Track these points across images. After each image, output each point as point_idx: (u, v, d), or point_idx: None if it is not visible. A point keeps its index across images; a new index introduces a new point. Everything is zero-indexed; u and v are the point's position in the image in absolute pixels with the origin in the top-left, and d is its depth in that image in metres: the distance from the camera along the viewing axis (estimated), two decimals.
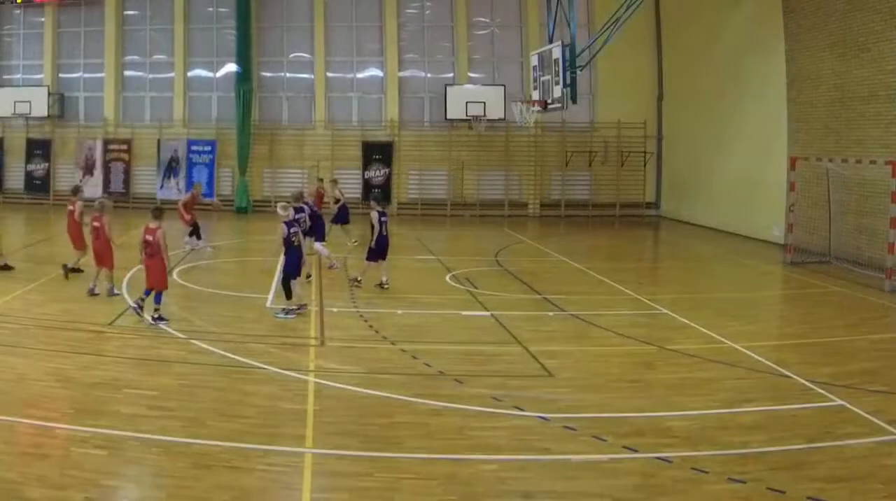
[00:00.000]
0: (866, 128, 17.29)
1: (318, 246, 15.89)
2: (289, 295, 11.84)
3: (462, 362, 9.78)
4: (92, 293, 12.72)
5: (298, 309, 11.85)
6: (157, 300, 11.31)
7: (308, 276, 14.08)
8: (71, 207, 14.33)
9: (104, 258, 12.83)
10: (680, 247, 22.24)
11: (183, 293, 13.49)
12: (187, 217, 17.89)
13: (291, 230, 11.82)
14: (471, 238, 23.43)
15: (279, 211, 12.17)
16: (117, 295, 12.69)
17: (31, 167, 28.27)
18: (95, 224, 12.86)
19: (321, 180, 21.03)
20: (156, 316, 11.18)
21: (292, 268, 11.80)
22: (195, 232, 18.11)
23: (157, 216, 11.76)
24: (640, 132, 27.96)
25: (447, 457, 6.84)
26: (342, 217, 19.06)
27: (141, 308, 11.41)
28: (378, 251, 13.84)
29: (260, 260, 16.83)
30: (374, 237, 13.83)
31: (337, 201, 19.19)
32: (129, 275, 14.47)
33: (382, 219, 13.87)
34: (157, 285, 11.35)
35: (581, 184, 28.40)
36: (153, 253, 11.35)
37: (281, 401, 8.16)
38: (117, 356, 9.61)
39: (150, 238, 11.39)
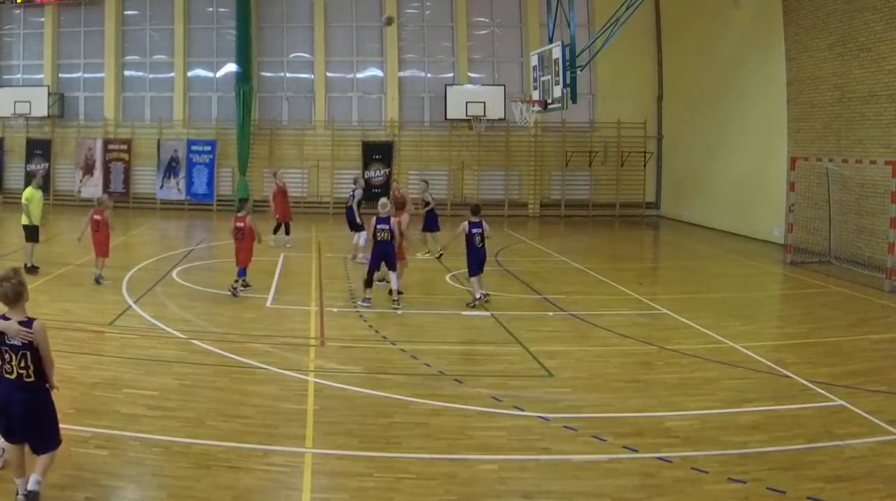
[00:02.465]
0: (866, 128, 17.29)
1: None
2: (369, 284, 12.80)
3: (462, 362, 9.78)
4: (98, 281, 13.73)
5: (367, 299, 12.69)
6: (241, 274, 13.34)
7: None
8: (397, 219, 13.85)
9: (103, 249, 13.99)
10: (680, 247, 22.24)
11: (183, 293, 13.51)
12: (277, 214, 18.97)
13: (378, 226, 12.71)
14: None
15: (379, 208, 12.97)
16: (104, 283, 13.68)
17: (31, 167, 28.24)
18: (97, 217, 14.00)
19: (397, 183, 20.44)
20: (237, 286, 13.20)
21: (374, 263, 12.89)
22: (287, 229, 19.01)
23: (243, 205, 13.86)
24: (640, 132, 27.96)
25: (447, 457, 6.84)
26: (431, 224, 18.30)
27: (236, 289, 13.18)
28: (473, 265, 12.95)
29: (261, 260, 16.83)
30: (467, 250, 13.02)
31: (426, 205, 18.32)
32: (128, 275, 14.52)
33: (474, 230, 12.88)
34: (244, 264, 13.38)
35: (581, 184, 28.40)
36: (243, 237, 13.34)
37: (281, 401, 8.16)
38: (117, 356, 9.61)
39: (240, 225, 13.38)
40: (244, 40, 27.31)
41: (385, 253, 12.70)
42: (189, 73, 28.65)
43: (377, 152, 27.73)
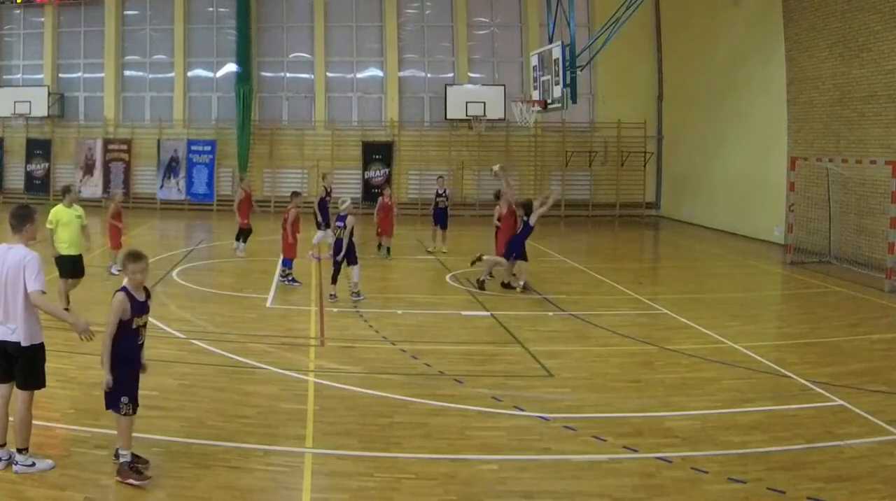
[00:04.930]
0: (866, 128, 17.29)
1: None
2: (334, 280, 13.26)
3: (462, 362, 9.78)
4: (111, 272, 14.14)
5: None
6: (284, 263, 14.10)
7: None
8: (498, 222, 14.86)
9: (111, 241, 14.89)
10: (680, 247, 22.24)
11: (183, 293, 13.50)
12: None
13: (336, 224, 13.14)
14: (471, 238, 23.42)
15: (339, 206, 13.37)
16: (116, 274, 13.91)
17: (31, 167, 28.27)
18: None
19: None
20: (288, 277, 13.95)
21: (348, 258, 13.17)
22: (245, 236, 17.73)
23: (291, 198, 14.68)
24: (640, 132, 27.97)
25: (447, 457, 6.84)
26: (442, 219, 18.67)
27: (285, 279, 14.03)
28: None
29: (261, 260, 16.85)
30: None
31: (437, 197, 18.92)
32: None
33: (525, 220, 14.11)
34: (283, 254, 14.15)
35: (581, 184, 28.41)
36: (283, 228, 14.21)
37: (281, 401, 8.16)
38: None
39: (286, 216, 14.27)
40: (244, 40, 27.32)
41: (339, 249, 12.99)
42: (189, 73, 28.66)
43: (377, 152, 27.73)
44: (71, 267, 11.50)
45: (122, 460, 6.12)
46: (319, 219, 17.97)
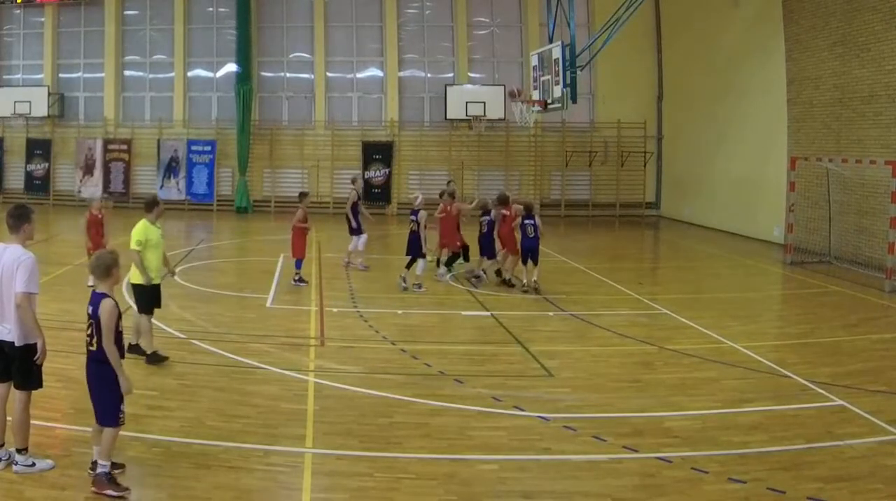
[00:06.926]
0: (866, 128, 17.29)
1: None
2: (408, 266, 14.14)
3: (462, 362, 9.78)
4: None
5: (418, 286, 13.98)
6: (297, 265, 14.14)
7: None
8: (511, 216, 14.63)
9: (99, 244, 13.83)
10: (680, 247, 22.24)
11: (183, 293, 13.49)
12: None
13: (411, 217, 14.14)
14: (471, 238, 23.43)
15: (414, 201, 14.59)
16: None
17: (32, 167, 28.27)
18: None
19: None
20: (296, 277, 14.00)
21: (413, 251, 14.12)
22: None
23: (300, 199, 14.62)
24: (640, 132, 27.95)
25: (447, 457, 6.84)
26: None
27: (299, 279, 14.11)
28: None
29: (261, 260, 16.85)
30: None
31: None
32: (128, 275, 14.48)
33: (526, 221, 14.05)
34: (292, 254, 14.24)
35: (581, 184, 28.39)
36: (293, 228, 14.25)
37: (281, 401, 8.16)
38: None
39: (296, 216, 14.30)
40: (244, 40, 27.32)
41: (409, 242, 14.14)
42: (189, 73, 28.64)
43: (377, 152, 27.72)
44: (156, 299, 9.49)
45: (100, 471, 5.92)
46: (354, 224, 16.07)
